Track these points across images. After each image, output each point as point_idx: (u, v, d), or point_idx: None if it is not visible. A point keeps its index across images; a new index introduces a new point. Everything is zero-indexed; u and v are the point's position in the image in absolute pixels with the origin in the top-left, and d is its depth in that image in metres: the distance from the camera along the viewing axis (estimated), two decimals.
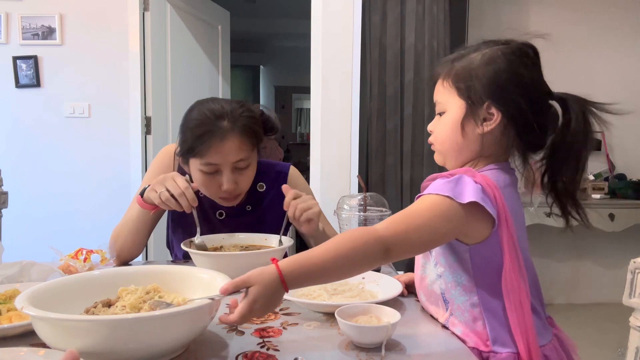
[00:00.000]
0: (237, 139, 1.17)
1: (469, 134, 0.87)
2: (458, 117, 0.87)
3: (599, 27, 3.38)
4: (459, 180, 0.79)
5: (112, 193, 2.86)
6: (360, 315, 0.81)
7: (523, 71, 0.85)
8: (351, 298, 0.92)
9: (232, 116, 1.17)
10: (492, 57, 0.85)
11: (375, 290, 0.99)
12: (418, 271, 0.95)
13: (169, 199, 1.11)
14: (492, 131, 0.85)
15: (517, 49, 0.86)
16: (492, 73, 0.84)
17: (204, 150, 1.15)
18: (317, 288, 0.95)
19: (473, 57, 0.87)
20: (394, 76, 2.86)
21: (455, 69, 0.88)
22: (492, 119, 0.85)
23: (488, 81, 0.84)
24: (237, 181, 1.21)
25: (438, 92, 0.92)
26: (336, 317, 0.77)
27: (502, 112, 0.84)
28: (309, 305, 0.90)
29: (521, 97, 0.83)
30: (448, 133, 0.89)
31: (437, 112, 0.93)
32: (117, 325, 0.63)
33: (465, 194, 0.77)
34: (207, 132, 1.15)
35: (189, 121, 1.20)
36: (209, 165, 1.18)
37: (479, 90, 0.85)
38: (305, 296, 0.92)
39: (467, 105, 0.86)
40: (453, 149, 0.90)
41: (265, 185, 1.37)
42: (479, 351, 0.83)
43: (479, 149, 0.87)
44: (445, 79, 0.90)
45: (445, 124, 0.89)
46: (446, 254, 0.86)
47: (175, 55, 3.10)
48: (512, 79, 0.84)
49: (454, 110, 0.88)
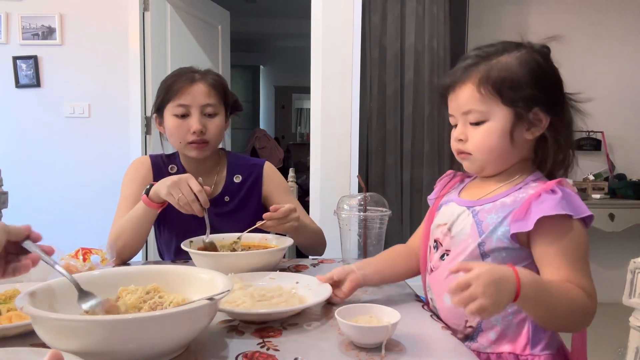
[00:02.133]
0: (206, 86, 1.37)
1: (518, 141, 0.86)
2: (506, 126, 0.85)
3: (598, 27, 3.38)
4: (567, 195, 0.81)
5: (112, 193, 2.84)
6: (360, 315, 0.80)
7: (558, 73, 0.88)
8: (276, 305, 0.87)
9: (202, 72, 1.40)
10: (530, 61, 0.85)
11: (306, 295, 0.94)
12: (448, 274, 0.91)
13: (187, 204, 1.13)
14: (534, 138, 0.87)
15: (546, 51, 0.88)
16: (535, 76, 0.85)
17: (175, 93, 1.34)
18: (242, 294, 0.90)
19: (508, 62, 0.85)
20: (394, 76, 2.86)
21: (494, 74, 0.85)
22: (540, 125, 0.86)
23: (534, 86, 0.84)
24: (205, 125, 1.36)
25: (473, 100, 0.86)
26: (336, 317, 0.77)
27: (550, 116, 0.85)
28: (229, 313, 0.85)
29: (561, 99, 0.87)
30: (496, 143, 0.86)
31: (473, 120, 0.88)
32: (117, 325, 0.63)
33: (580, 208, 0.81)
34: (179, 79, 1.36)
35: (164, 81, 1.40)
36: (180, 107, 1.34)
37: (528, 96, 0.84)
38: (228, 303, 0.86)
39: (516, 112, 0.85)
40: (499, 158, 0.89)
41: (241, 176, 1.46)
42: (515, 356, 0.84)
43: (525, 154, 0.89)
44: (482, 86, 0.85)
45: (490, 134, 0.86)
46: (505, 258, 0.85)
47: (175, 55, 3.10)
48: (554, 82, 0.87)
49: (499, 119, 0.86)
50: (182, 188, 1.14)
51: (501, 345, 0.85)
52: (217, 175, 1.46)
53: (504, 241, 0.84)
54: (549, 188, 0.82)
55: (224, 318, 0.87)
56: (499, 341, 0.86)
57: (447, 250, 0.94)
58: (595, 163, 3.40)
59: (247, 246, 1.25)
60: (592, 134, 3.34)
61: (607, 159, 3.39)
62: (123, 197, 1.39)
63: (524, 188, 0.87)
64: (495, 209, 0.88)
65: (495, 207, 0.88)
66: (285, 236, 1.26)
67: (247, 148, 6.05)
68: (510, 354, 0.84)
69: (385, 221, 1.10)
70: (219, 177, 1.46)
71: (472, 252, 0.88)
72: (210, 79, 1.39)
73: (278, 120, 7.82)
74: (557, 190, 0.81)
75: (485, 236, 0.86)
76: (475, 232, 0.88)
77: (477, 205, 0.91)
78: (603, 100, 3.38)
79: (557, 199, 0.80)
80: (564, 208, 0.79)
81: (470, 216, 0.91)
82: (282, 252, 1.18)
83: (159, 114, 1.41)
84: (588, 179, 3.22)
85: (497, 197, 0.89)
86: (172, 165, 1.45)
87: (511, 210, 0.84)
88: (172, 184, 1.15)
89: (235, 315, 0.86)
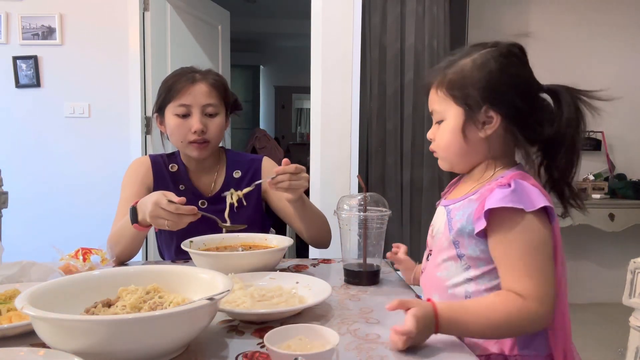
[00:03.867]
0: (207, 86, 1.38)
1: (471, 139, 0.88)
2: (458, 125, 0.88)
3: (598, 26, 3.38)
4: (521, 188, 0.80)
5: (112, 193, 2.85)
6: (289, 340, 0.69)
7: (514, 71, 0.87)
8: (276, 305, 0.87)
9: (203, 72, 1.41)
10: (484, 61, 0.87)
11: (306, 295, 0.94)
12: (435, 272, 0.93)
13: (177, 224, 1.10)
14: (495, 132, 0.87)
15: (505, 50, 0.88)
16: (485, 77, 0.86)
17: (177, 93, 1.35)
18: (242, 294, 0.89)
19: (464, 63, 0.88)
20: (394, 76, 2.86)
21: (448, 76, 0.89)
22: (492, 122, 0.86)
23: (482, 85, 0.86)
24: (206, 125, 1.37)
25: (433, 101, 0.93)
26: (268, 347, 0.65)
27: (500, 113, 0.85)
28: (229, 313, 0.85)
29: (516, 96, 0.85)
30: (451, 140, 0.90)
31: (435, 120, 0.94)
32: (117, 325, 0.63)
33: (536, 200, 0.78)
34: (180, 79, 1.37)
35: (165, 81, 1.41)
36: (181, 107, 1.35)
37: (475, 95, 0.86)
38: (228, 303, 0.86)
39: (465, 111, 0.87)
40: (459, 155, 0.91)
41: (241, 172, 1.48)
42: (504, 357, 0.83)
43: (486, 151, 0.89)
44: (439, 88, 0.91)
45: (446, 132, 0.90)
46: (487, 259, 0.84)
47: (175, 55, 3.10)
48: (505, 80, 0.86)
49: (452, 117, 0.89)
50: (162, 214, 1.09)
51: (489, 347, 0.85)
52: (217, 172, 1.47)
53: (473, 240, 0.85)
54: (505, 182, 0.82)
55: (224, 318, 0.87)
56: (487, 343, 0.85)
57: (430, 251, 0.97)
58: (595, 163, 3.40)
59: (247, 246, 1.25)
60: (592, 134, 3.34)
61: (607, 159, 3.39)
62: (123, 198, 1.39)
63: (491, 183, 0.86)
64: (462, 206, 0.89)
65: (463, 204, 0.89)
66: (285, 236, 1.26)
67: (247, 148, 6.04)
68: (499, 355, 0.84)
69: (385, 221, 1.10)
70: (219, 174, 1.47)
71: (448, 252, 0.89)
72: (211, 78, 1.40)
73: (278, 120, 7.82)
74: (512, 184, 0.80)
75: (457, 234, 0.87)
76: (446, 230, 0.90)
77: (451, 204, 0.93)
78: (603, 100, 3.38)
79: (507, 192, 0.79)
80: (511, 201, 0.78)
81: (444, 215, 0.93)
82: (282, 252, 1.18)
83: (160, 113, 1.42)
84: (588, 179, 3.22)
85: (468, 195, 0.89)
86: (173, 165, 1.46)
87: (476, 207, 0.84)
88: (151, 215, 1.10)
89: (235, 315, 0.86)
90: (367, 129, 2.88)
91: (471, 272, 0.87)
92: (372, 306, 0.95)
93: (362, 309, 0.93)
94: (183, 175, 1.45)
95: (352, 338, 0.79)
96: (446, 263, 0.91)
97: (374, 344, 0.77)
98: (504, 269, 0.81)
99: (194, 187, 1.44)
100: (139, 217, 1.17)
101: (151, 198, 1.11)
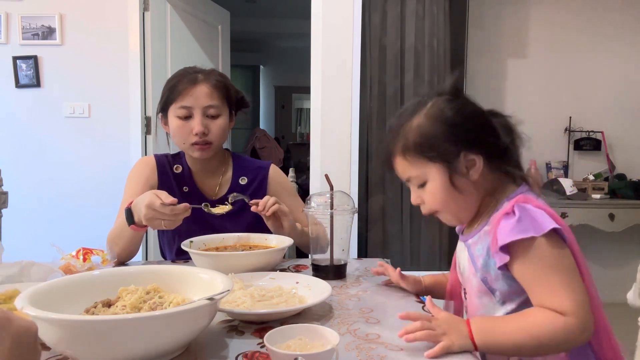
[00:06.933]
0: (209, 87, 1.36)
1: (463, 188, 0.87)
2: (445, 181, 0.87)
3: (599, 27, 3.38)
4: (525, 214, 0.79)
5: (112, 193, 2.85)
6: (289, 340, 0.70)
7: (469, 109, 0.88)
8: (276, 305, 0.87)
9: (205, 72, 1.40)
10: (436, 113, 0.87)
11: (306, 295, 0.94)
12: (476, 311, 0.91)
13: (173, 222, 1.12)
14: (482, 172, 0.87)
15: (450, 95, 0.88)
16: (448, 127, 0.86)
17: (178, 94, 1.34)
18: (242, 294, 0.89)
19: (419, 123, 0.88)
20: (394, 76, 2.86)
21: (411, 140, 0.88)
22: (475, 164, 0.86)
23: (449, 136, 0.85)
24: (208, 127, 1.35)
25: (405, 168, 0.91)
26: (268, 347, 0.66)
27: (479, 153, 0.86)
28: (229, 313, 0.85)
29: (482, 131, 0.86)
30: (444, 198, 0.88)
31: (415, 185, 0.91)
32: (117, 325, 0.63)
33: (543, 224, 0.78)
34: (182, 79, 1.36)
35: (168, 81, 1.40)
36: (183, 109, 1.34)
37: (448, 147, 0.85)
38: (228, 303, 0.86)
39: (446, 166, 0.86)
40: (459, 208, 0.90)
41: (247, 178, 1.46)
42: None
43: (481, 191, 0.89)
44: (406, 154, 0.89)
45: (437, 192, 0.88)
46: (519, 291, 0.83)
47: (175, 55, 3.10)
48: (466, 121, 0.86)
49: (435, 177, 0.88)
50: (157, 216, 1.10)
51: None
52: (223, 175, 1.46)
53: (499, 273, 0.84)
54: (507, 211, 0.81)
55: (224, 318, 0.87)
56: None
57: (464, 289, 0.96)
58: (595, 163, 3.40)
59: (247, 246, 1.25)
60: (592, 134, 3.34)
61: (607, 159, 3.39)
62: (126, 197, 1.38)
63: (498, 213, 0.85)
64: (480, 239, 0.88)
65: (480, 237, 0.88)
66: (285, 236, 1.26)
67: (247, 148, 6.05)
68: None
69: (350, 218, 1.16)
70: (225, 177, 1.46)
71: (479, 288, 0.88)
72: (213, 79, 1.38)
73: (278, 120, 7.82)
74: (516, 211, 0.80)
75: (483, 271, 0.86)
76: (472, 267, 0.90)
77: (469, 239, 0.92)
78: (603, 100, 3.38)
79: (512, 223, 0.79)
80: (520, 232, 0.78)
81: (465, 251, 0.93)
82: (282, 252, 1.18)
83: (164, 114, 1.41)
84: (588, 179, 3.22)
85: (482, 226, 0.89)
86: (177, 165, 1.45)
87: (490, 240, 0.84)
88: (146, 218, 1.11)
89: (235, 315, 0.86)
90: (367, 129, 2.88)
91: (507, 306, 0.86)
92: (372, 306, 0.95)
93: (362, 309, 0.93)
94: (187, 176, 1.44)
95: (352, 338, 0.79)
96: (482, 300, 0.89)
97: (374, 344, 0.77)
98: (533, 291, 0.80)
99: (197, 190, 1.43)
100: (135, 219, 1.17)
101: (144, 200, 1.11)
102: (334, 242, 1.12)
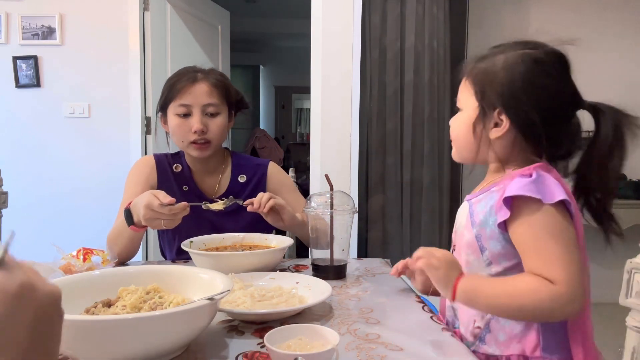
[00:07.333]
0: (208, 86, 1.37)
1: (479, 136, 0.87)
2: (471, 118, 0.88)
3: (599, 27, 3.38)
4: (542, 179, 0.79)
5: (112, 193, 2.85)
6: (289, 340, 0.70)
7: (539, 81, 0.83)
8: (276, 305, 0.87)
9: (205, 71, 1.41)
10: (511, 63, 0.84)
11: (306, 295, 0.94)
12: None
13: (173, 222, 1.13)
14: (503, 137, 0.85)
15: (540, 56, 0.84)
16: (507, 80, 0.83)
17: (178, 92, 1.35)
18: (242, 294, 0.89)
19: (497, 59, 0.86)
20: (394, 76, 2.86)
21: (476, 69, 0.89)
22: (501, 126, 0.85)
23: (502, 88, 0.84)
24: (207, 125, 1.36)
25: (460, 89, 0.93)
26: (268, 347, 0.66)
27: (511, 120, 0.83)
28: (229, 313, 0.85)
29: (532, 108, 0.82)
30: (461, 131, 0.91)
31: (459, 107, 0.94)
32: (117, 325, 0.63)
33: (555, 193, 0.77)
34: (181, 78, 1.37)
35: (168, 80, 1.41)
36: (182, 107, 1.35)
37: (492, 96, 0.84)
38: (228, 303, 0.86)
39: (480, 107, 0.86)
40: (466, 147, 0.91)
41: (246, 176, 1.47)
42: (524, 357, 0.82)
43: (495, 152, 0.87)
44: (467, 78, 0.90)
45: (460, 122, 0.91)
46: (509, 255, 0.83)
47: (175, 55, 3.10)
48: (526, 88, 0.82)
49: (468, 110, 0.89)
50: (156, 216, 1.10)
51: (510, 347, 0.84)
52: (222, 174, 1.47)
53: (496, 232, 0.82)
54: (527, 172, 0.80)
55: (224, 318, 0.87)
56: (508, 342, 0.84)
57: (454, 246, 0.96)
58: None
59: (247, 246, 1.25)
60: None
61: None
62: (126, 197, 1.38)
63: (513, 174, 0.83)
64: (485, 198, 0.87)
65: (485, 196, 0.88)
66: (285, 236, 1.27)
67: (247, 148, 6.05)
68: (519, 356, 0.82)
69: (350, 218, 1.16)
70: (224, 176, 1.47)
71: (470, 244, 0.87)
72: (213, 78, 1.39)
73: (278, 120, 7.82)
74: (533, 174, 0.79)
75: (480, 227, 0.85)
76: (469, 222, 0.89)
77: (474, 197, 0.91)
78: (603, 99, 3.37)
79: (527, 181, 0.78)
80: (530, 190, 0.77)
81: (466, 208, 0.92)
82: (282, 252, 1.18)
83: (164, 112, 1.42)
84: None
85: (491, 186, 0.88)
86: (177, 164, 1.45)
87: (497, 198, 0.82)
88: (145, 219, 1.11)
89: (235, 315, 0.86)
90: (367, 129, 2.88)
91: (492, 268, 0.85)
92: (372, 306, 0.95)
93: (362, 309, 0.93)
94: (187, 175, 1.45)
95: (352, 338, 0.79)
96: (468, 258, 0.89)
97: (374, 344, 0.77)
98: (527, 255, 0.78)
99: (197, 188, 1.44)
100: (134, 219, 1.17)
101: (142, 201, 1.11)
102: (334, 242, 1.12)
